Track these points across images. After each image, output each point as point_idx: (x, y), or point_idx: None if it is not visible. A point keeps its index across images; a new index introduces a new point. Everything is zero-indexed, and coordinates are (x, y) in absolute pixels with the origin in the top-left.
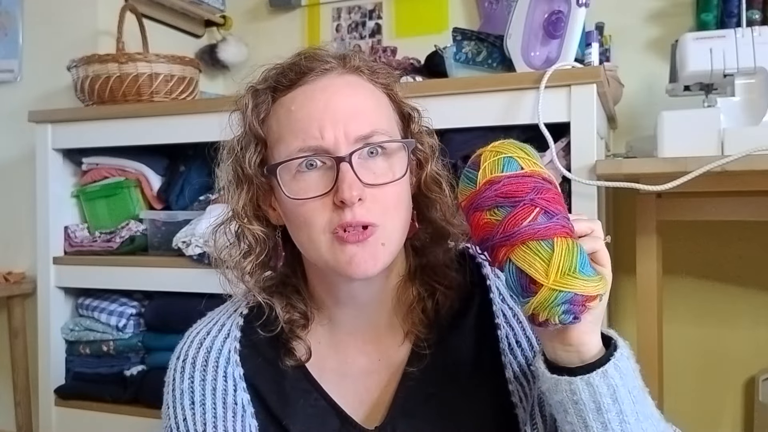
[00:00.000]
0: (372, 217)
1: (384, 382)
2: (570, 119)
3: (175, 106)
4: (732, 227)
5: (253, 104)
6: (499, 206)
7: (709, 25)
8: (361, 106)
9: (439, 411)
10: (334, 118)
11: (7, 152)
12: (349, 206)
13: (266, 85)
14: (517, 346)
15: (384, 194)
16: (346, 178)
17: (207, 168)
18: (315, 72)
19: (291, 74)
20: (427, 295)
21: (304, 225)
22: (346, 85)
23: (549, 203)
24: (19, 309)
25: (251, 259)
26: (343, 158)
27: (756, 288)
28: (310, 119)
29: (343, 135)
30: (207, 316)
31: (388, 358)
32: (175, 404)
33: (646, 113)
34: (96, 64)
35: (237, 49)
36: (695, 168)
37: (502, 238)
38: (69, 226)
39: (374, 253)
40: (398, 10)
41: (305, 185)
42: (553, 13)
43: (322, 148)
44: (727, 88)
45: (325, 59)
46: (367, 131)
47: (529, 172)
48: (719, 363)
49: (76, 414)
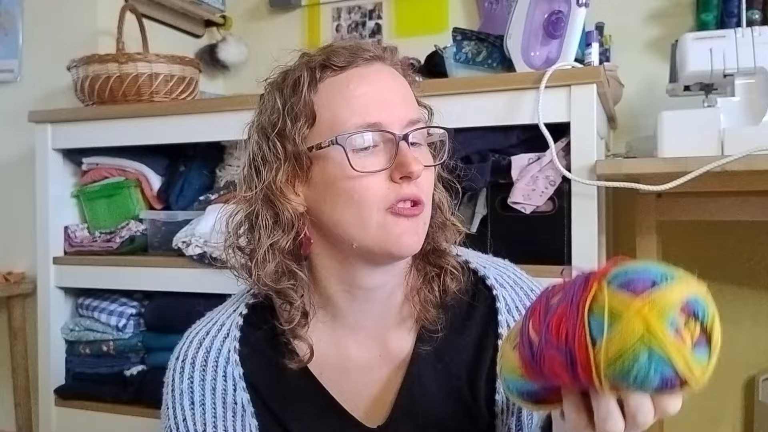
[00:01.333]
0: (423, 195)
1: (384, 379)
2: (570, 119)
3: (175, 106)
4: (732, 227)
5: (308, 79)
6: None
7: (709, 25)
8: (408, 94)
9: (440, 413)
10: (391, 100)
11: (7, 152)
12: (412, 180)
13: (317, 64)
14: None
15: (427, 176)
16: (408, 153)
17: (207, 168)
18: (364, 57)
19: (345, 55)
20: (433, 275)
21: (355, 202)
22: (391, 74)
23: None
24: (19, 309)
25: (276, 237)
26: (404, 136)
27: (756, 288)
28: (369, 98)
29: (397, 118)
30: (206, 317)
31: (388, 353)
32: (175, 404)
33: (646, 113)
34: (96, 64)
35: (237, 49)
36: (695, 168)
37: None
38: (69, 226)
39: (418, 230)
40: (398, 10)
41: (365, 161)
42: (553, 13)
43: (382, 126)
44: (727, 88)
45: (372, 48)
46: (414, 117)
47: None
48: (719, 363)
49: (76, 414)
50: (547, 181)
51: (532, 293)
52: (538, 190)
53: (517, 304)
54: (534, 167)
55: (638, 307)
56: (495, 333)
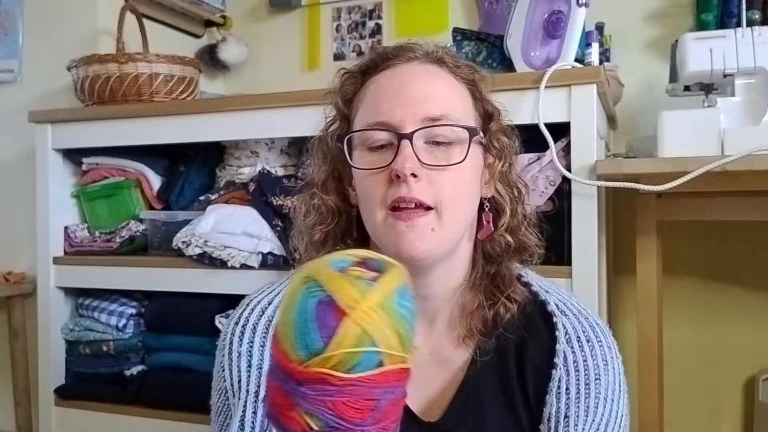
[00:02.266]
0: (425, 197)
1: (437, 379)
2: (570, 119)
3: (175, 106)
4: (732, 227)
5: (340, 84)
6: (322, 417)
7: (709, 25)
8: (435, 91)
9: (493, 425)
10: (404, 98)
11: (7, 152)
12: (403, 180)
13: (356, 68)
14: (565, 393)
15: (442, 179)
16: (403, 152)
17: (207, 168)
18: (399, 59)
19: (378, 59)
20: (487, 305)
21: (366, 198)
22: (425, 71)
23: (383, 426)
24: (19, 309)
25: (321, 228)
26: (404, 135)
27: (756, 288)
28: (383, 97)
29: (411, 115)
30: (268, 286)
31: (439, 354)
32: (231, 366)
33: (646, 113)
34: (96, 64)
35: (237, 49)
36: (695, 168)
37: None
38: (69, 226)
39: (422, 235)
40: (398, 10)
41: (371, 159)
42: (553, 13)
43: (388, 124)
44: (727, 88)
45: (412, 49)
46: (436, 113)
47: (387, 372)
48: (719, 363)
49: (76, 414)
50: (547, 181)
51: (597, 326)
52: (538, 190)
53: (579, 335)
54: (534, 167)
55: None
56: (551, 362)
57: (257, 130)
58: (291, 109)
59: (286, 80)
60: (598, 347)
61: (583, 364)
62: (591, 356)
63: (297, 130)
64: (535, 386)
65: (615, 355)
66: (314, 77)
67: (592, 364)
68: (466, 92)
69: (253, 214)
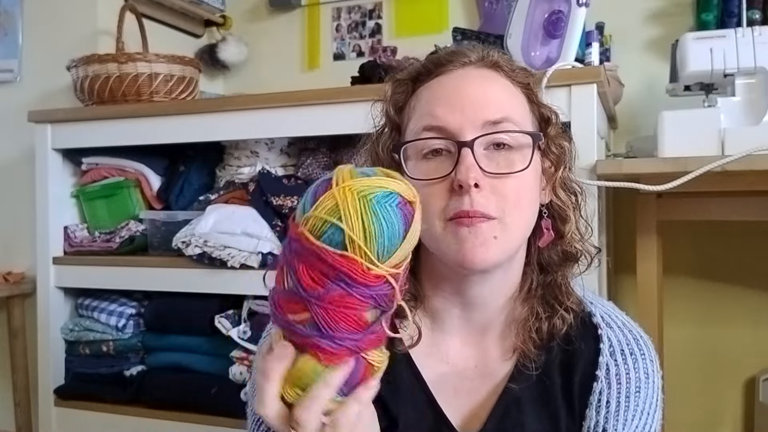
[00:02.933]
0: (489, 208)
1: (479, 391)
2: (570, 119)
3: (175, 106)
4: (732, 227)
5: (391, 92)
6: (289, 275)
7: (710, 25)
8: (493, 95)
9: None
10: (461, 103)
11: (7, 152)
12: (466, 191)
13: (407, 76)
14: (605, 406)
15: (504, 186)
16: (465, 161)
17: (207, 168)
18: (453, 64)
19: (431, 66)
20: (545, 316)
21: (423, 209)
22: (480, 76)
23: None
24: (19, 309)
25: None
26: (465, 143)
27: (756, 288)
28: (438, 103)
29: (470, 120)
30: None
31: (485, 366)
32: None
33: (646, 113)
34: (96, 64)
35: (237, 49)
36: (695, 168)
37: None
38: (69, 226)
39: (485, 242)
40: (398, 10)
41: (428, 168)
42: (553, 13)
43: (445, 130)
44: (727, 88)
45: (466, 53)
46: (496, 117)
47: (346, 256)
48: (719, 363)
49: (76, 414)
50: None
51: (641, 339)
52: None
53: (623, 347)
54: None
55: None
56: (593, 374)
57: (257, 130)
58: (291, 109)
59: (286, 80)
60: (641, 360)
61: (626, 376)
62: (633, 369)
63: (297, 130)
64: (579, 399)
65: (656, 369)
66: (314, 77)
67: (634, 377)
68: (523, 96)
69: (252, 214)
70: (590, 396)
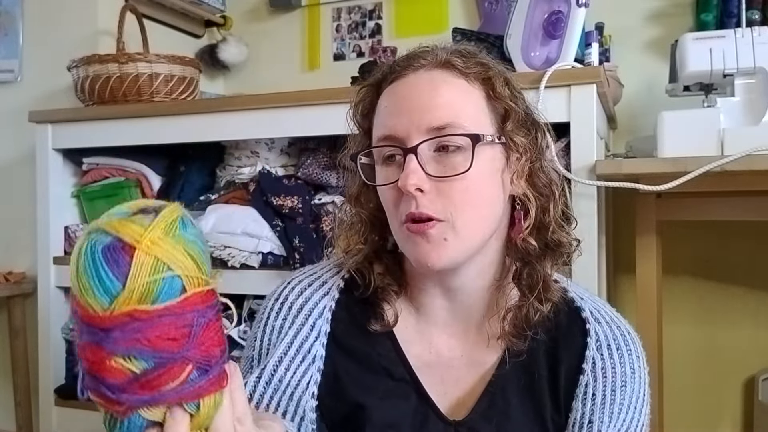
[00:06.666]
0: (435, 211)
1: (465, 379)
2: (570, 119)
3: (175, 107)
4: (732, 227)
5: (357, 100)
6: (138, 357)
7: (709, 25)
8: (440, 99)
9: (512, 423)
10: (409, 110)
11: (7, 152)
12: (412, 197)
13: (370, 82)
14: (591, 399)
15: (450, 189)
16: (408, 166)
17: (207, 168)
18: (407, 69)
19: (388, 71)
20: (520, 305)
21: (386, 211)
22: (430, 80)
23: (205, 351)
24: (19, 309)
25: (358, 238)
26: (408, 149)
27: (756, 288)
28: (388, 111)
29: (416, 127)
30: (310, 269)
31: (470, 356)
32: (263, 337)
33: (646, 113)
34: (96, 64)
35: (237, 49)
36: (695, 168)
37: (137, 400)
38: (69, 226)
39: (437, 246)
40: (398, 10)
41: (385, 174)
42: (553, 13)
43: (395, 138)
44: (727, 88)
45: (419, 57)
46: (440, 123)
47: (192, 296)
48: (719, 362)
49: (76, 414)
50: None
51: (628, 335)
52: None
53: (609, 342)
54: None
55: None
56: (579, 367)
57: (257, 130)
58: (291, 109)
59: (286, 80)
60: (627, 355)
61: (611, 370)
62: (620, 363)
63: (297, 130)
64: (564, 391)
65: (642, 365)
66: (314, 77)
67: (620, 371)
68: (479, 93)
69: (253, 214)
70: (576, 388)
